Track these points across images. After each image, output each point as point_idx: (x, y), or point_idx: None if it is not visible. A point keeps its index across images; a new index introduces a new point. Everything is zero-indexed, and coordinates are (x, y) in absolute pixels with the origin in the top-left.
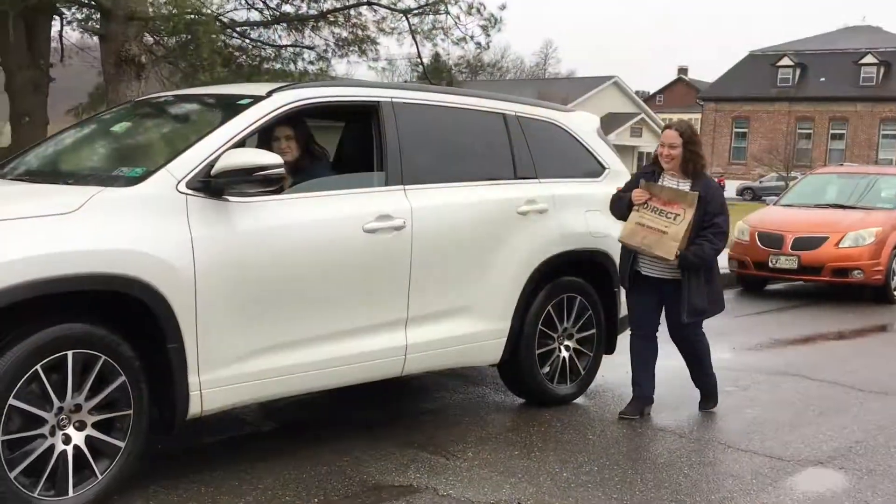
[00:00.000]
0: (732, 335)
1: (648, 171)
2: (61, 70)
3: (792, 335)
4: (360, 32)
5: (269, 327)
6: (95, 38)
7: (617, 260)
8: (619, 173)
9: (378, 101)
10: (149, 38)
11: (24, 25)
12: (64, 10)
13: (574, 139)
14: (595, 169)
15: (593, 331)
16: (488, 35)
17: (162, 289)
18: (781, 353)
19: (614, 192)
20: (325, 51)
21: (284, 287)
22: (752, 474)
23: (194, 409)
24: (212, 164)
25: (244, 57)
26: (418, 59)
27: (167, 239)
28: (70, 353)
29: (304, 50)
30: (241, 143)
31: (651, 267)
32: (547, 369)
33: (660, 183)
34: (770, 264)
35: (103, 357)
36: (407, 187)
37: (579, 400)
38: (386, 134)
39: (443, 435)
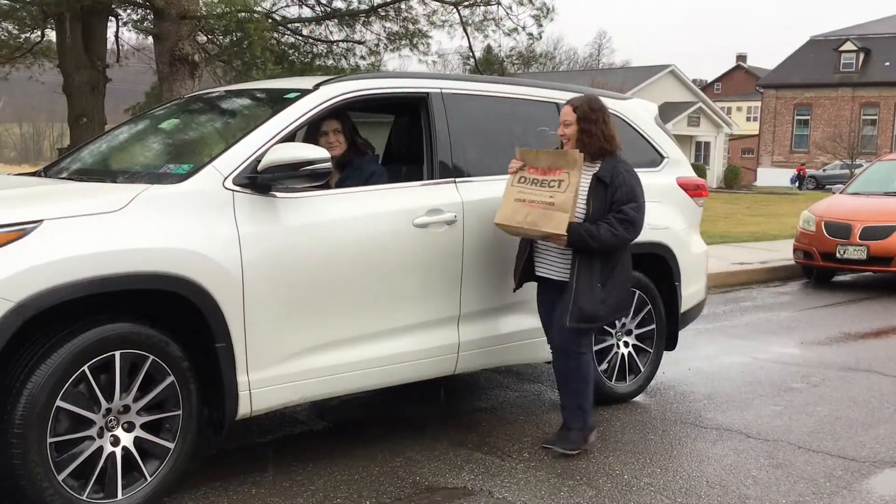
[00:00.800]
0: (799, 329)
1: None
2: (118, 71)
3: (862, 329)
4: (410, 26)
5: (319, 325)
6: (150, 39)
7: (678, 253)
8: (678, 162)
9: (427, 92)
10: (202, 37)
11: (80, 27)
12: (119, 10)
13: (631, 127)
14: (653, 158)
15: (653, 326)
16: (541, 25)
17: (209, 287)
18: (851, 347)
19: (673, 181)
20: (377, 45)
21: (332, 284)
22: (825, 477)
23: (243, 409)
24: (258, 160)
25: (296, 54)
26: (469, 52)
27: (214, 236)
28: (117, 354)
29: (356, 45)
30: (289, 138)
31: (547, 266)
32: (605, 366)
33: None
34: (837, 255)
35: (151, 357)
36: (458, 180)
37: (639, 398)
38: (435, 126)
39: (497, 434)
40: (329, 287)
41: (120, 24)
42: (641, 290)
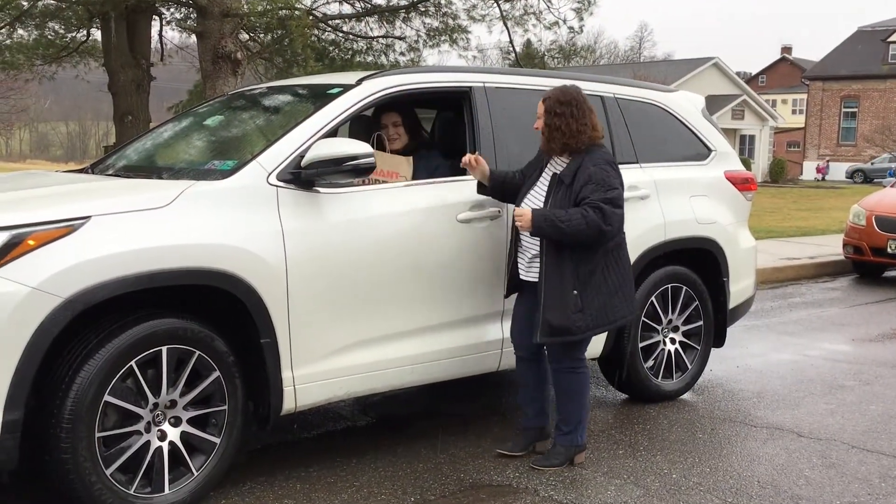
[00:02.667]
0: (850, 325)
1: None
2: (162, 69)
3: None
4: (450, 21)
5: (362, 321)
6: (193, 37)
7: (726, 248)
8: (726, 155)
9: (470, 87)
10: (244, 35)
11: (125, 26)
12: (163, 9)
13: (677, 120)
14: (700, 151)
15: (700, 323)
16: (581, 18)
17: (253, 283)
18: None
19: (720, 174)
20: (416, 41)
21: (376, 280)
22: (880, 477)
23: (288, 404)
24: (302, 156)
25: (336, 51)
26: (510, 47)
27: (258, 232)
28: (164, 349)
29: (396, 41)
30: (332, 133)
31: (527, 267)
32: (651, 363)
33: (546, 166)
34: (889, 249)
35: (197, 352)
36: None
37: (686, 396)
38: (478, 120)
39: None
40: (372, 283)
41: (164, 22)
42: (688, 286)
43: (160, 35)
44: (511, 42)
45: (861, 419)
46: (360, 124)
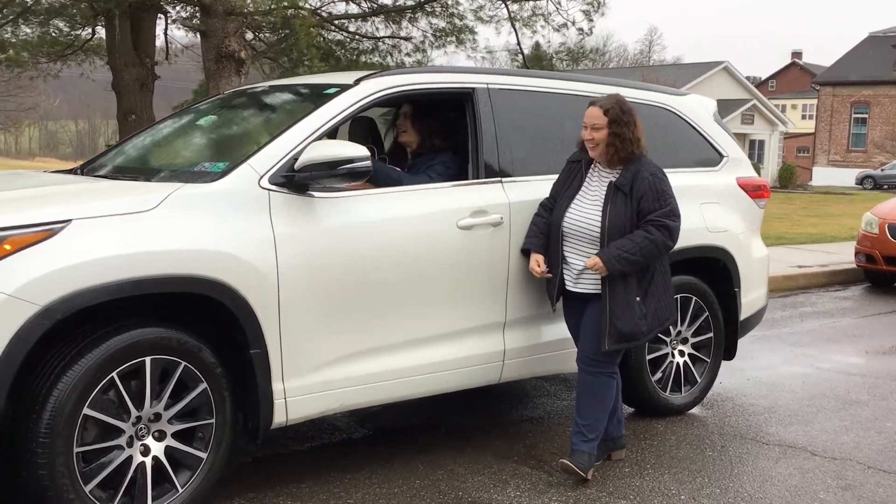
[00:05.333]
0: (863, 337)
1: (575, 158)
2: (168, 69)
3: None
4: (457, 22)
5: (358, 331)
6: (199, 36)
7: (738, 257)
8: (738, 161)
9: (473, 88)
10: (249, 34)
11: (129, 24)
12: (168, 7)
13: (688, 125)
14: (712, 157)
15: (710, 335)
16: (591, 20)
17: (242, 291)
18: None
19: (732, 181)
20: (423, 42)
21: (372, 288)
22: None
23: (279, 417)
24: (296, 158)
25: (342, 51)
26: (518, 48)
27: (248, 238)
28: (148, 360)
29: (402, 42)
30: (330, 134)
31: (575, 279)
32: (659, 376)
33: (588, 176)
34: None
35: (183, 363)
36: (505, 180)
37: (695, 410)
38: (481, 122)
39: (545, 447)
40: (369, 291)
41: (169, 21)
42: (698, 297)
43: (165, 34)
44: (519, 44)
45: (877, 437)
46: (361, 127)
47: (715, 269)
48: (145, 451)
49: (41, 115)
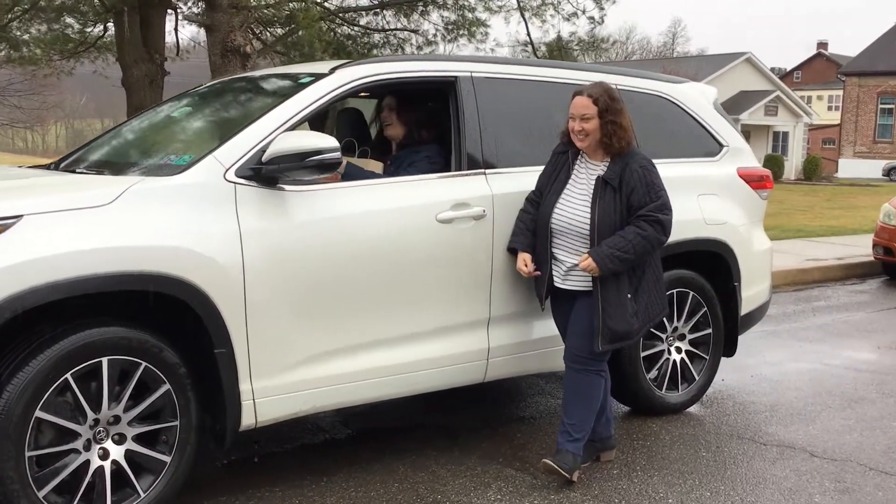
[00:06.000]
0: (876, 332)
1: (561, 150)
2: (178, 65)
3: None
4: (468, 14)
5: (331, 329)
6: None
7: (738, 251)
8: (739, 151)
9: (456, 76)
10: (258, 28)
11: (138, 20)
12: (180, 3)
13: (685, 113)
14: (711, 147)
15: (709, 331)
16: (602, 8)
17: (205, 288)
18: None
19: (732, 171)
20: (434, 35)
21: (346, 284)
22: None
23: (247, 420)
24: (264, 150)
25: (353, 45)
26: (527, 39)
27: (212, 233)
28: (105, 360)
29: (413, 35)
30: (308, 125)
31: (564, 276)
32: (654, 374)
33: (575, 168)
34: None
35: (143, 364)
36: (488, 172)
37: (693, 409)
38: (464, 112)
39: (533, 448)
40: (342, 287)
41: (179, 17)
42: (696, 292)
43: (176, 30)
44: (528, 34)
45: (881, 437)
46: (347, 118)
47: (713, 262)
48: (104, 454)
49: (67, 113)
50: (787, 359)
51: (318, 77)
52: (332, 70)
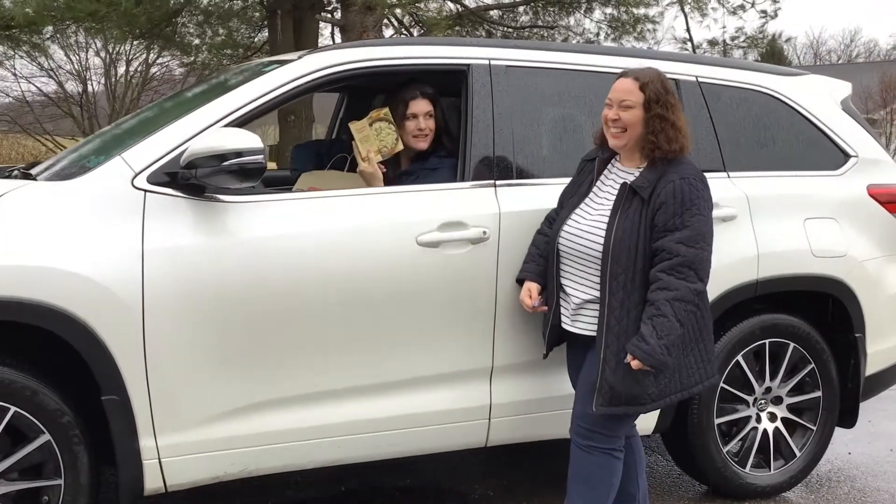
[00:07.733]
0: None
1: (590, 157)
2: None
3: None
4: (634, 11)
5: (267, 375)
6: None
7: (861, 292)
8: (874, 163)
9: (468, 64)
10: (391, 30)
11: (291, 23)
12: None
13: (797, 114)
14: (831, 157)
15: (818, 394)
16: (776, 1)
17: (87, 319)
18: None
19: (861, 189)
20: (597, 34)
21: (291, 320)
22: None
23: (153, 483)
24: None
25: None
26: (686, 35)
27: (105, 252)
28: None
29: (570, 35)
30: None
31: (573, 315)
32: (735, 447)
33: (601, 177)
34: None
35: (12, 409)
36: (499, 183)
37: (791, 494)
38: (475, 109)
39: None
40: (282, 323)
41: (334, 19)
42: (798, 343)
43: (332, 34)
44: (688, 28)
45: None
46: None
47: (826, 307)
48: None
49: None
50: None
51: (281, 63)
52: (302, 56)
